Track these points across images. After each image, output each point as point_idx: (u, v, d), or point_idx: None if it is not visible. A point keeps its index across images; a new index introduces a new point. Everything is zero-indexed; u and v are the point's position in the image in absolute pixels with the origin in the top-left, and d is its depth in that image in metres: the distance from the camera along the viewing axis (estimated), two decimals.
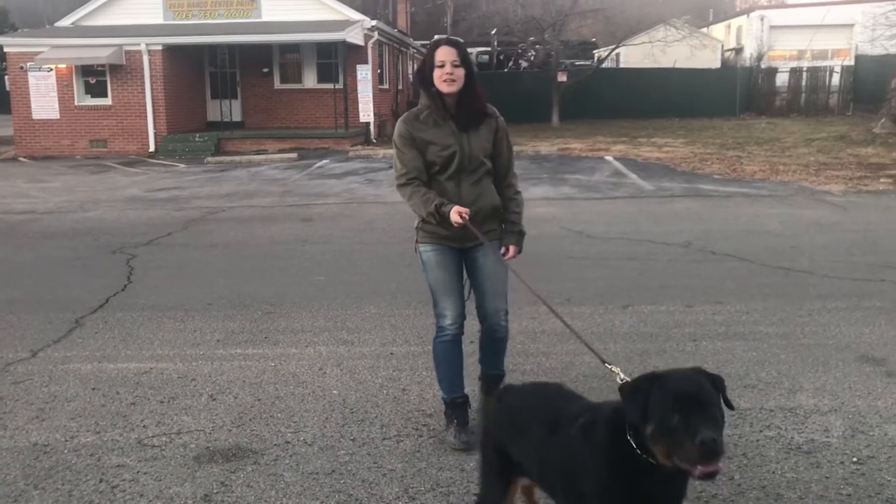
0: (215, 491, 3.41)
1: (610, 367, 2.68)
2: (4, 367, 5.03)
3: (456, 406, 3.87)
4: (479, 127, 3.74)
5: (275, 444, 3.85)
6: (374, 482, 3.46)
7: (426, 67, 3.67)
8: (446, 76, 3.60)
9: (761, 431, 3.88)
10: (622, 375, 2.51)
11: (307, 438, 3.91)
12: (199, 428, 4.07)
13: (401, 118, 3.80)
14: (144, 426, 4.10)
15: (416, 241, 3.84)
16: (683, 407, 2.08)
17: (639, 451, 2.17)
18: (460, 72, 3.61)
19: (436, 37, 4.01)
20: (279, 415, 4.22)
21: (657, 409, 2.11)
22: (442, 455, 3.70)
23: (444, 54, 3.61)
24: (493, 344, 4.02)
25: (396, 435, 3.93)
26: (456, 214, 3.51)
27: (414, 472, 3.55)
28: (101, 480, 3.52)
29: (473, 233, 3.59)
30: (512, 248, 3.82)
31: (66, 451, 3.82)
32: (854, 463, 3.54)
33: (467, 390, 4.01)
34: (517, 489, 2.78)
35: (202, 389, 4.60)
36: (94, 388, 4.63)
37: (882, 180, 13.12)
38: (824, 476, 3.43)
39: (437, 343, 3.91)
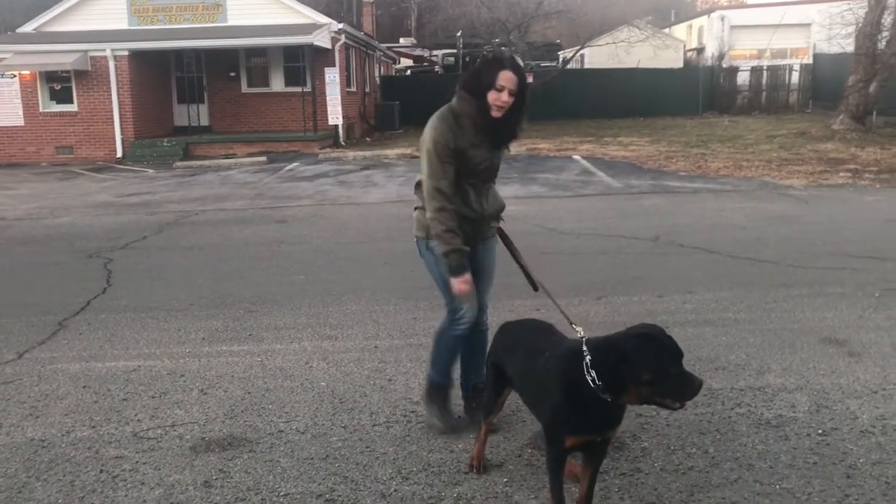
0: (215, 477, 3.53)
1: (576, 328, 3.14)
2: None
3: (444, 388, 4.00)
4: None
5: (268, 434, 3.98)
6: (367, 465, 3.61)
7: (483, 82, 3.52)
8: (502, 103, 3.52)
9: (733, 409, 4.09)
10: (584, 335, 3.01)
11: (299, 427, 4.04)
12: (193, 420, 4.18)
13: (440, 119, 3.62)
14: (139, 420, 4.20)
15: (428, 239, 3.74)
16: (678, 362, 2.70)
17: (594, 386, 2.73)
18: (511, 100, 3.54)
19: (494, 54, 3.58)
20: (270, 406, 4.34)
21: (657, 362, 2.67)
22: (431, 439, 3.86)
23: (507, 80, 3.49)
24: (479, 339, 4.00)
25: (386, 422, 4.08)
26: (462, 284, 3.60)
27: (405, 454, 3.70)
28: (101, 471, 3.62)
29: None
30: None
31: (63, 445, 3.91)
32: (819, 435, 3.77)
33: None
34: (505, 397, 3.51)
35: (192, 385, 4.71)
36: (84, 386, 4.72)
37: (841, 174, 13.54)
38: (792, 447, 3.65)
39: (449, 335, 3.90)
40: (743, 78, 30.91)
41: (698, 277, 6.88)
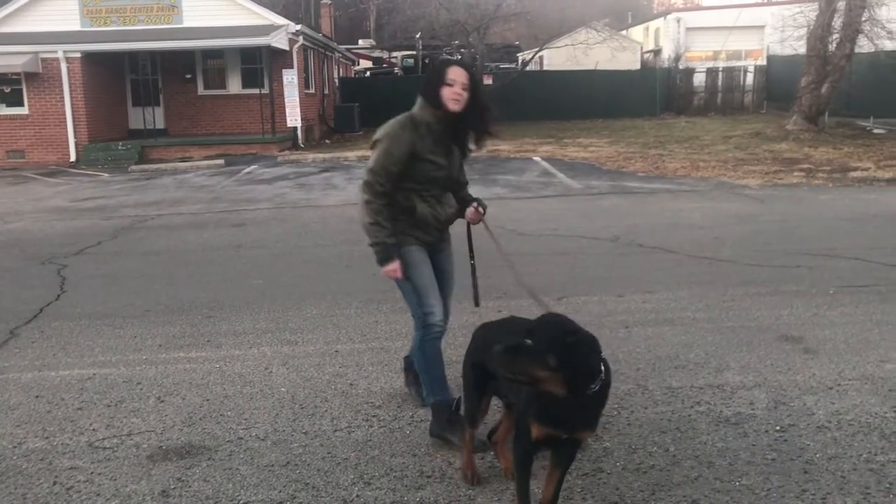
0: (172, 487, 3.46)
1: None
2: None
3: (447, 405, 3.78)
4: (461, 148, 3.83)
5: (227, 441, 3.92)
6: (329, 471, 3.56)
7: (434, 84, 3.64)
8: (456, 95, 3.60)
9: (692, 407, 4.13)
10: None
11: (259, 434, 3.99)
12: (150, 429, 4.10)
13: (400, 126, 3.70)
14: (94, 429, 4.10)
15: (399, 245, 3.76)
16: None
17: None
18: (466, 95, 3.62)
19: (444, 57, 3.80)
20: (229, 413, 4.27)
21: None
22: (394, 443, 3.83)
23: (457, 75, 3.61)
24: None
25: (347, 426, 4.04)
26: (390, 272, 3.71)
27: (367, 459, 3.66)
28: (55, 483, 3.53)
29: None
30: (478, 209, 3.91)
31: (14, 457, 3.80)
32: (777, 431, 3.82)
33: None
34: (489, 399, 3.44)
35: (149, 392, 4.62)
36: (37, 396, 4.60)
37: (795, 174, 13.78)
38: (751, 444, 3.69)
39: (427, 343, 3.82)
40: (699, 79, 31.38)
41: (657, 277, 6.94)
